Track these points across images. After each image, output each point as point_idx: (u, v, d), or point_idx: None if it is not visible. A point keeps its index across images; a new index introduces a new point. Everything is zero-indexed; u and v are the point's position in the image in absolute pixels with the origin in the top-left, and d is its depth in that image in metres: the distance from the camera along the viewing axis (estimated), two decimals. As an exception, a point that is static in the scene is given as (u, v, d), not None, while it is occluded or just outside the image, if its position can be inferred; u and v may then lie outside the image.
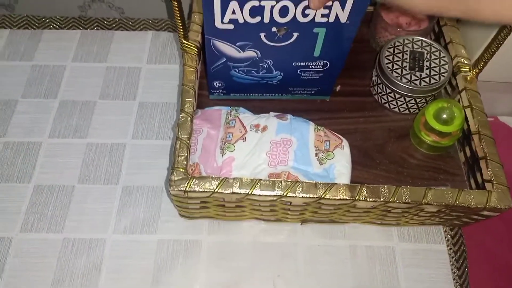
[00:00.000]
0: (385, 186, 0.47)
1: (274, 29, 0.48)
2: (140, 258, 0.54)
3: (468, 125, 0.55)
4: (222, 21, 0.47)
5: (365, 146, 0.60)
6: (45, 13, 0.76)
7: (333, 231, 0.56)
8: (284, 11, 0.46)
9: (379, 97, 0.63)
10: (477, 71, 0.56)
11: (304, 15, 0.46)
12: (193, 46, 0.57)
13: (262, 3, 0.45)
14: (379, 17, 0.65)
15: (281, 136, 0.56)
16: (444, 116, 0.55)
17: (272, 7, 0.45)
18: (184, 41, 0.57)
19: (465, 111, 0.55)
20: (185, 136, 0.51)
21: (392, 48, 0.61)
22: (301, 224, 0.57)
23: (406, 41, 0.61)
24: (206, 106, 0.61)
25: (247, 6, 0.45)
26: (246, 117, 0.59)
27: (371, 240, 0.55)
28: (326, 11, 0.46)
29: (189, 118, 0.52)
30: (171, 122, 0.65)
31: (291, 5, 0.45)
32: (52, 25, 0.75)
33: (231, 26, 0.48)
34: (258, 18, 0.47)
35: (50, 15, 0.76)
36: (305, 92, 0.61)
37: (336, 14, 0.46)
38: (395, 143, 0.60)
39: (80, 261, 0.54)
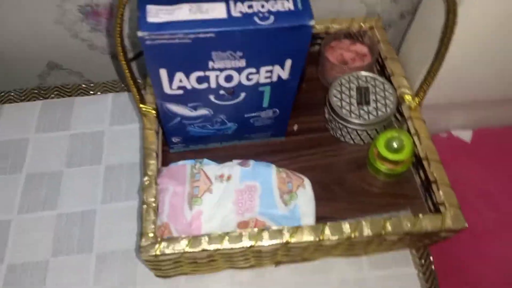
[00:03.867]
0: (346, 222, 0.49)
1: (222, 91, 0.51)
2: (121, 325, 0.54)
3: (418, 150, 0.58)
4: (171, 88, 0.50)
5: (326, 181, 0.62)
6: (5, 87, 0.77)
7: (307, 268, 0.58)
8: (229, 78, 0.49)
9: (334, 132, 0.66)
10: (419, 100, 0.60)
11: (249, 79, 0.50)
12: (151, 109, 0.59)
13: (207, 73, 0.48)
14: (324, 57, 0.69)
15: (245, 183, 0.58)
16: (394, 145, 0.59)
17: (217, 76, 0.48)
18: (141, 105, 0.59)
19: (413, 138, 0.59)
20: (151, 199, 0.52)
21: (340, 86, 0.65)
22: (275, 266, 0.58)
23: (352, 78, 0.65)
24: (170, 159, 0.63)
25: (193, 76, 0.48)
26: (211, 168, 0.60)
27: (343, 273, 0.57)
28: (269, 74, 0.49)
29: (153, 181, 0.54)
30: (138, 181, 0.66)
31: (235, 74, 0.48)
32: (12, 98, 0.76)
33: (181, 92, 0.51)
34: (205, 85, 0.50)
35: (9, 88, 0.77)
36: (261, 136, 0.64)
37: (278, 74, 0.50)
38: (354, 174, 0.63)
39: (61, 337, 0.53)
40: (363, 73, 0.66)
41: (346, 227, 0.49)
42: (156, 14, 0.43)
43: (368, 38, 0.71)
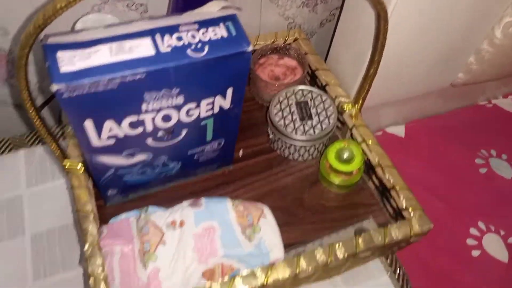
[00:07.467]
0: (319, 249, 0.47)
1: (160, 133, 0.46)
2: None
3: (369, 158, 0.58)
4: (100, 139, 0.43)
5: (284, 204, 0.59)
6: None
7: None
8: (167, 118, 0.44)
9: (281, 151, 0.64)
10: (358, 106, 0.60)
11: (189, 115, 0.45)
12: (76, 163, 0.52)
13: (141, 116, 0.42)
14: (256, 76, 0.66)
15: (202, 226, 0.53)
16: (345, 156, 0.57)
17: (153, 118, 0.43)
18: (64, 162, 0.51)
19: (361, 146, 0.58)
20: (98, 270, 0.45)
21: (278, 104, 0.62)
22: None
23: (289, 94, 0.63)
24: (106, 215, 0.55)
25: (125, 122, 0.42)
26: (159, 216, 0.54)
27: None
28: (210, 106, 0.45)
29: (96, 248, 0.46)
30: (76, 246, 0.57)
31: (173, 112, 0.43)
32: None
33: (112, 141, 0.44)
34: (140, 129, 0.44)
35: None
36: (207, 169, 0.59)
37: (220, 105, 0.46)
38: (310, 191, 0.61)
39: None
40: (299, 87, 0.64)
41: (319, 254, 0.46)
42: (70, 61, 0.37)
43: (295, 51, 0.70)
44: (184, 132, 0.48)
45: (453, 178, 0.77)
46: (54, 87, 0.36)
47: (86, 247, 0.46)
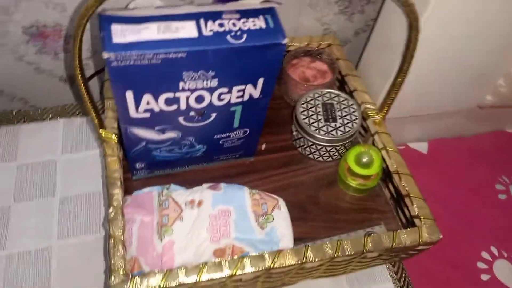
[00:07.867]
0: (328, 243, 0.48)
1: (192, 113, 0.49)
2: None
3: (387, 165, 0.59)
4: (137, 111, 0.47)
5: (299, 200, 0.61)
6: None
7: (287, 293, 0.56)
8: (200, 99, 0.47)
9: (303, 150, 0.66)
10: (383, 114, 0.61)
11: (220, 99, 0.48)
12: (111, 134, 0.55)
13: (177, 94, 0.45)
14: (287, 75, 0.69)
15: (218, 208, 0.56)
16: (364, 160, 0.59)
17: (188, 97, 0.46)
18: (101, 130, 0.55)
19: (381, 153, 0.60)
20: (118, 232, 0.48)
21: (305, 104, 0.65)
22: (254, 294, 0.56)
23: (316, 95, 0.66)
24: (131, 187, 0.58)
25: (162, 98, 0.45)
26: (179, 194, 0.57)
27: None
28: (241, 93, 0.48)
29: (119, 213, 0.49)
30: (99, 213, 0.61)
31: (206, 94, 0.46)
32: None
33: (147, 115, 0.47)
34: (174, 107, 0.47)
35: None
36: (230, 157, 0.62)
37: (250, 93, 0.48)
38: (326, 191, 0.63)
39: None
40: (327, 90, 0.66)
41: (327, 247, 0.48)
42: (122, 34, 0.40)
43: (327, 56, 0.72)
44: (213, 116, 0.51)
45: (471, 200, 0.77)
46: (105, 55, 0.39)
47: (111, 210, 0.49)
